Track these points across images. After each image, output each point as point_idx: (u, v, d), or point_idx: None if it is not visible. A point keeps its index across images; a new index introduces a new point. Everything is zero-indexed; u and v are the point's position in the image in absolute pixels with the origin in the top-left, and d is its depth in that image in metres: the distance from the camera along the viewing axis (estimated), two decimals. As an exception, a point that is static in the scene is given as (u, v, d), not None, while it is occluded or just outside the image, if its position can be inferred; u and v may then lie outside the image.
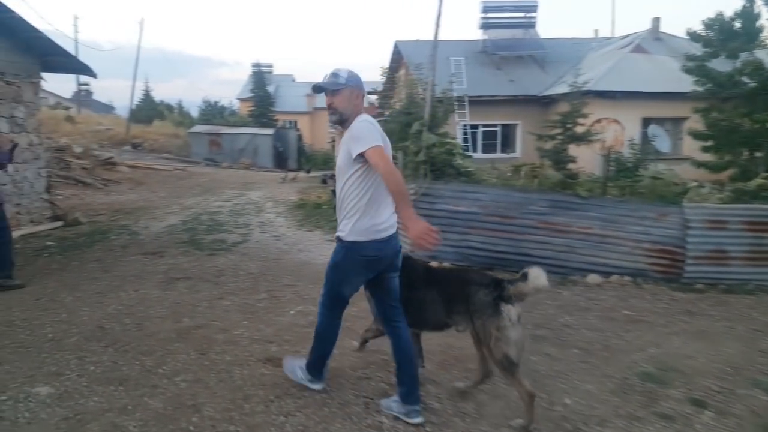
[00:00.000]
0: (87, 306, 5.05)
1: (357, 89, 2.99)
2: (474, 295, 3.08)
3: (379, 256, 3.00)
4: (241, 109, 42.26)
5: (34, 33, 8.39)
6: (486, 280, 3.16)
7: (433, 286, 3.31)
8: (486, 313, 3.02)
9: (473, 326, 3.10)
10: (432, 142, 7.42)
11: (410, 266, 3.41)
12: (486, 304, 3.03)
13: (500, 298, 3.00)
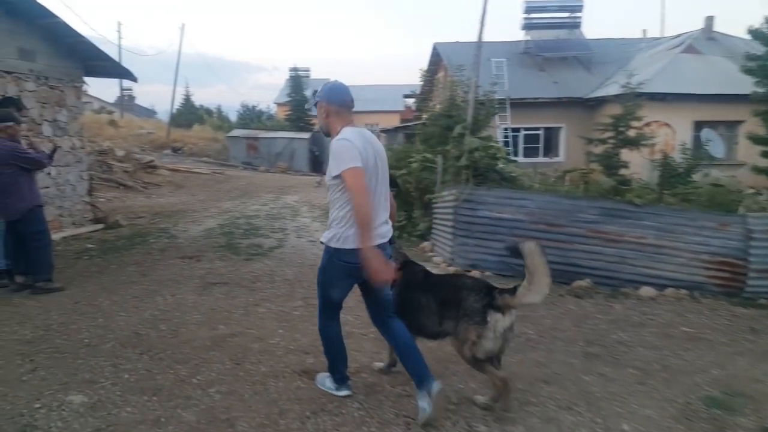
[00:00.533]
0: (124, 311, 5.00)
1: (326, 103, 3.04)
2: (465, 300, 3.08)
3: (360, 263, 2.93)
4: (279, 113, 42.73)
5: (77, 38, 8.52)
6: (479, 286, 3.15)
7: (429, 291, 3.31)
8: (473, 319, 3.01)
9: (457, 329, 3.09)
10: (475, 146, 7.15)
11: (409, 271, 3.45)
12: (475, 311, 3.02)
13: (489, 306, 2.99)
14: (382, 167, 3.09)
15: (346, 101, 3.09)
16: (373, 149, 3.00)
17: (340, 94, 3.08)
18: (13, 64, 7.71)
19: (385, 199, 3.13)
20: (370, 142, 3.02)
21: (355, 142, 2.89)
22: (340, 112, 3.06)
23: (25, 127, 7.77)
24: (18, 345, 4.09)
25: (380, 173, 3.07)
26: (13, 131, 5.12)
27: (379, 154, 3.05)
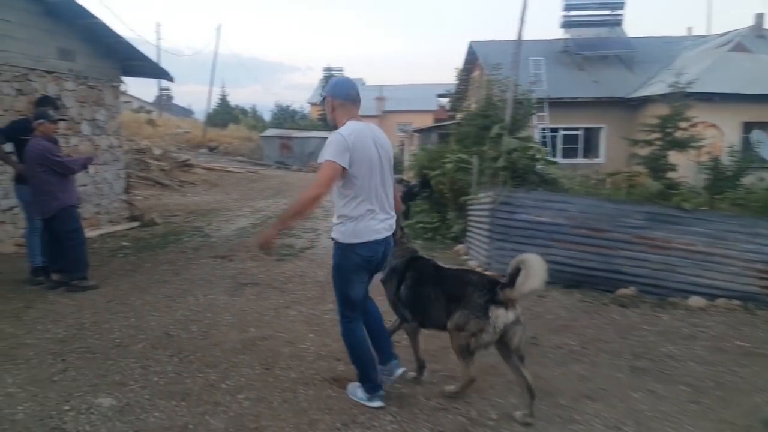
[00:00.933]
0: (156, 310, 4.96)
1: (331, 97, 3.12)
2: (469, 295, 3.12)
3: (373, 256, 3.09)
4: (312, 112, 42.96)
5: (115, 38, 8.63)
6: (482, 282, 3.20)
7: (438, 285, 3.34)
8: (474, 313, 3.05)
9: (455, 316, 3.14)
10: (513, 147, 6.90)
11: (420, 265, 3.50)
12: (477, 306, 3.06)
13: (491, 301, 3.02)
14: (386, 162, 3.14)
15: (351, 95, 3.13)
16: (374, 144, 3.04)
17: (345, 89, 3.14)
18: (53, 63, 7.84)
19: (387, 194, 3.16)
20: (372, 138, 3.05)
21: (347, 138, 2.93)
22: (345, 106, 3.11)
23: (63, 126, 7.92)
24: (51, 344, 4.08)
25: (382, 168, 3.10)
26: (45, 129, 5.13)
27: (383, 149, 3.10)
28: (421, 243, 8.73)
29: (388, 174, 3.17)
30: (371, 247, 3.05)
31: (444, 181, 9.30)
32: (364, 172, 2.98)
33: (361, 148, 2.96)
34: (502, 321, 3.00)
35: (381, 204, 3.10)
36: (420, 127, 19.91)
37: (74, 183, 5.34)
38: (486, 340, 3.04)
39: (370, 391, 3.24)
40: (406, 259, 3.52)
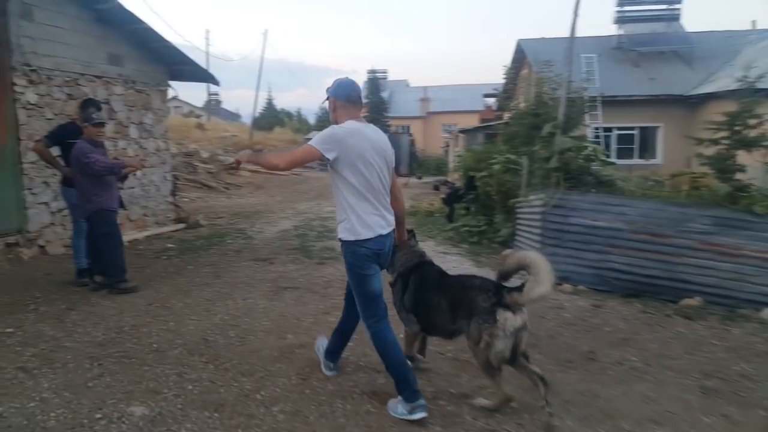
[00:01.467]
0: (195, 314, 4.89)
1: (333, 97, 3.19)
2: (474, 299, 3.07)
3: (381, 249, 3.15)
4: (356, 115, 43.08)
5: (163, 42, 8.72)
6: (487, 286, 3.13)
7: (441, 291, 3.32)
8: (482, 318, 3.00)
9: (469, 329, 3.08)
10: (567, 146, 6.51)
11: (424, 271, 3.49)
12: (483, 310, 3.01)
13: (498, 305, 2.97)
14: (383, 163, 3.17)
15: (352, 96, 3.21)
16: (370, 143, 3.09)
17: (346, 90, 3.22)
18: (102, 68, 7.99)
19: (383, 193, 3.20)
20: (368, 137, 3.11)
21: (338, 132, 3.04)
22: (345, 106, 3.19)
23: (111, 129, 8.05)
24: (89, 347, 4.04)
25: (380, 168, 3.14)
26: (88, 132, 5.14)
27: (381, 149, 3.15)
28: (467, 247, 8.44)
29: (387, 173, 3.22)
30: (379, 240, 3.12)
31: (491, 183, 8.97)
32: (361, 170, 3.05)
33: (355, 146, 3.03)
34: (512, 324, 2.94)
35: (382, 201, 3.18)
36: (465, 128, 19.51)
37: (113, 187, 5.28)
38: (500, 346, 2.95)
39: (410, 398, 3.05)
40: (412, 264, 3.54)
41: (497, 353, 2.97)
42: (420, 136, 39.38)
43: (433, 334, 3.52)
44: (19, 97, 6.56)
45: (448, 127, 36.70)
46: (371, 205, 3.11)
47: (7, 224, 6.47)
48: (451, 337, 3.33)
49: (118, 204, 5.35)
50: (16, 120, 6.51)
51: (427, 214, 12.25)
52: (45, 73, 6.92)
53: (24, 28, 6.61)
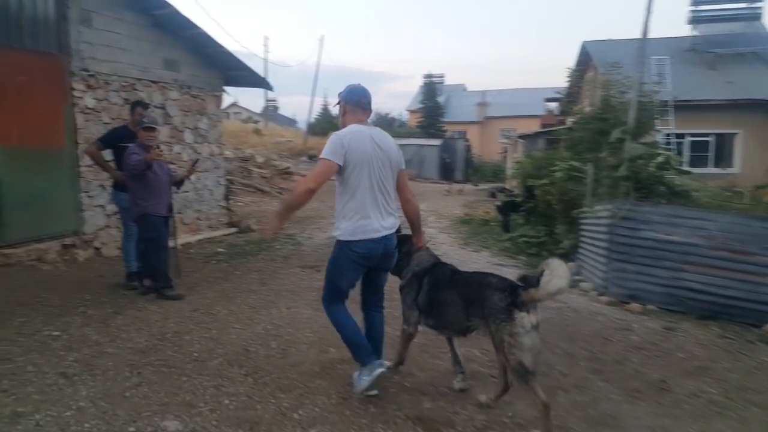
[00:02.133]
0: (238, 322, 4.77)
1: (344, 102, 3.33)
2: (489, 298, 3.03)
3: (369, 254, 3.23)
4: (410, 120, 42.94)
5: (218, 48, 8.79)
6: (503, 285, 3.08)
7: (454, 289, 3.30)
8: (499, 318, 2.96)
9: (489, 330, 3.04)
10: (638, 154, 6.02)
11: (438, 270, 3.49)
12: (499, 310, 2.97)
13: (513, 305, 2.93)
14: (387, 164, 3.25)
15: (361, 102, 3.33)
16: (373, 146, 3.19)
17: (357, 96, 3.33)
18: (158, 74, 8.12)
19: (387, 195, 3.29)
20: (371, 140, 3.19)
21: (342, 138, 3.12)
22: (354, 111, 3.31)
23: (166, 133, 8.17)
24: (131, 354, 3.97)
25: (382, 169, 3.22)
26: (140, 136, 5.14)
27: (384, 152, 3.23)
28: (525, 259, 8.01)
29: (390, 176, 3.30)
30: (367, 245, 3.19)
31: (552, 191, 8.51)
32: (359, 173, 3.14)
33: (357, 149, 3.12)
34: (529, 322, 2.89)
35: (379, 204, 3.24)
36: (525, 133, 18.86)
37: (161, 192, 5.22)
38: (528, 342, 2.87)
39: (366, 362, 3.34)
40: (427, 266, 3.55)
41: (529, 349, 2.88)
42: (476, 141, 38.70)
43: (445, 333, 3.51)
44: (77, 102, 6.72)
45: (506, 132, 35.85)
46: (367, 207, 3.19)
47: (64, 226, 6.62)
48: (465, 333, 3.34)
49: (167, 209, 5.30)
50: (74, 124, 6.67)
51: (482, 222, 11.85)
52: (103, 78, 7.08)
53: (83, 34, 6.78)
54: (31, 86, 6.19)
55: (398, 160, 3.36)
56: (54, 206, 6.48)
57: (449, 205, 16.00)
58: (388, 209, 3.30)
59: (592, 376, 3.88)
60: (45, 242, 6.36)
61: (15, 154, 6.02)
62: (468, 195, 20.44)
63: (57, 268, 6.17)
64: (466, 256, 8.21)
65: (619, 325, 5.09)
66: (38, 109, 6.27)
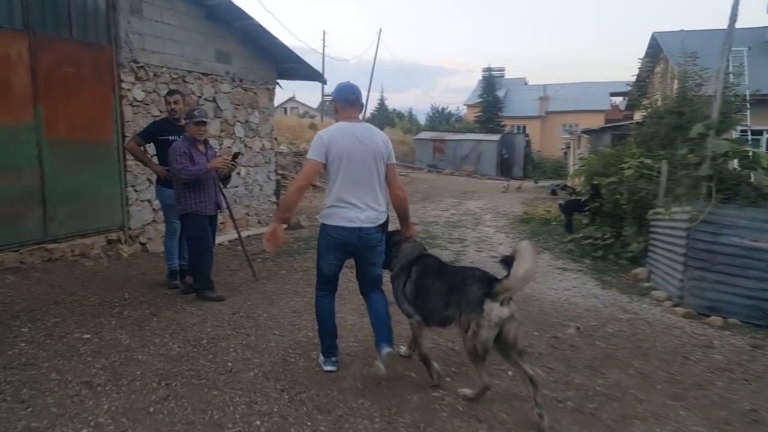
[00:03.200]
0: (278, 328, 4.45)
1: (335, 101, 3.51)
2: (466, 288, 3.13)
3: (342, 240, 3.39)
4: (468, 114, 41.99)
5: (272, 40, 8.54)
6: (481, 276, 3.18)
7: (438, 280, 3.36)
8: (470, 307, 3.06)
9: (459, 317, 3.15)
10: (723, 151, 5.30)
11: (424, 261, 3.54)
12: (473, 300, 3.06)
13: (487, 295, 3.00)
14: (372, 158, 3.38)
15: (350, 99, 3.48)
16: (356, 141, 3.35)
17: (345, 93, 3.48)
18: (210, 66, 7.94)
19: (369, 187, 3.41)
20: (353, 136, 3.36)
21: (323, 137, 3.35)
22: (344, 108, 3.48)
23: (216, 127, 7.98)
24: (161, 362, 3.71)
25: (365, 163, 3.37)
26: (189, 130, 4.87)
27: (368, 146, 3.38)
28: (590, 263, 7.33)
29: (373, 169, 3.41)
30: (339, 231, 3.36)
31: (621, 190, 7.77)
32: (338, 166, 3.33)
33: (336, 145, 3.32)
34: (497, 314, 2.97)
35: (361, 195, 3.38)
36: (589, 128, 17.78)
37: (207, 189, 4.91)
38: (485, 336, 2.99)
39: (324, 354, 3.69)
40: (414, 257, 3.59)
41: (482, 342, 3.01)
42: (537, 137, 37.36)
43: (429, 323, 3.49)
44: (126, 94, 6.60)
45: (568, 127, 34.38)
46: (348, 198, 3.36)
47: (110, 220, 6.53)
48: (444, 324, 3.37)
49: (213, 208, 5.00)
50: (122, 116, 6.56)
51: (543, 221, 11.13)
52: (152, 70, 6.94)
53: (133, 25, 6.65)
54: (79, 78, 6.10)
55: (384, 154, 3.47)
56: (100, 200, 6.39)
57: (507, 203, 15.28)
58: (368, 203, 3.41)
59: (671, 403, 3.39)
60: (90, 237, 6.28)
61: (61, 147, 5.94)
62: (527, 192, 19.57)
63: (100, 264, 6.07)
64: (525, 259, 7.60)
65: (698, 342, 4.47)
66: (85, 101, 6.18)
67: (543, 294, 5.79)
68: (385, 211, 3.52)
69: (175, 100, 5.34)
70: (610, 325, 4.86)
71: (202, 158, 4.86)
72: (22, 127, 5.57)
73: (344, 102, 3.48)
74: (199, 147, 4.92)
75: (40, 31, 5.70)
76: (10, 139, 5.48)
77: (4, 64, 5.38)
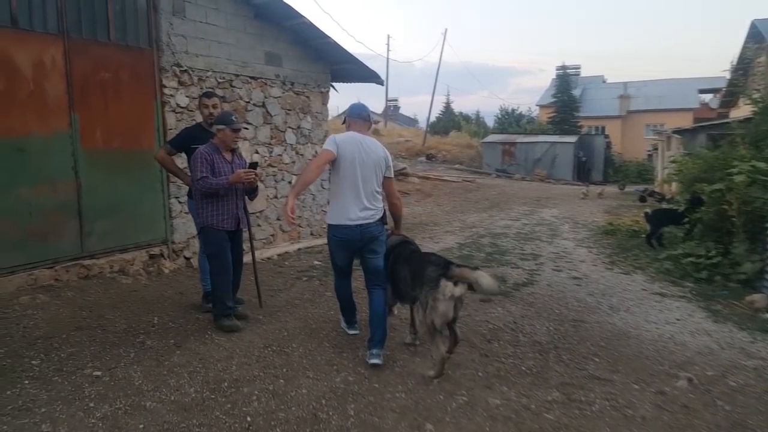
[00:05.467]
0: (314, 369, 3.76)
1: (348, 116, 4.05)
2: (425, 270, 3.58)
3: (347, 238, 3.85)
4: (541, 115, 40.11)
5: (324, 39, 7.96)
6: (439, 261, 3.67)
7: (407, 265, 3.86)
8: (429, 285, 3.50)
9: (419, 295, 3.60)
10: None
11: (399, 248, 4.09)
12: (431, 279, 3.51)
13: (443, 275, 3.45)
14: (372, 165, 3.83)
15: (361, 115, 4.04)
16: (362, 150, 3.81)
17: (356, 111, 4.04)
18: (259, 69, 7.47)
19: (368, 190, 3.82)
20: (360, 144, 3.82)
21: (336, 138, 3.82)
22: (356, 122, 4.00)
23: (266, 134, 7.47)
24: (171, 413, 3.11)
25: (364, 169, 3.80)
26: (224, 137, 4.31)
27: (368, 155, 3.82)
28: (692, 286, 6.17)
29: (372, 176, 3.84)
30: (343, 230, 3.81)
31: (729, 199, 6.54)
32: (344, 168, 3.75)
33: (346, 148, 3.75)
34: (450, 291, 3.41)
35: (360, 196, 3.79)
36: (681, 128, 16.00)
37: (227, 202, 4.33)
38: (442, 308, 3.43)
39: (347, 323, 4.40)
40: (392, 245, 4.12)
41: (441, 314, 3.43)
42: (617, 138, 34.95)
43: (402, 301, 4.13)
44: (169, 100, 6.20)
45: (653, 127, 31.93)
46: (349, 198, 3.76)
47: (152, 234, 6.13)
48: (413, 302, 3.90)
49: (232, 222, 4.39)
50: (164, 124, 6.16)
51: (631, 233, 9.86)
52: (197, 74, 6.52)
53: (175, 26, 6.24)
54: (118, 83, 5.74)
55: (383, 166, 3.91)
56: (141, 213, 5.99)
57: (587, 211, 13.95)
58: (366, 204, 3.81)
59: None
60: (130, 252, 5.90)
61: (99, 157, 5.59)
62: (609, 199, 17.99)
63: (137, 282, 5.64)
64: (613, 279, 6.54)
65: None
66: (125, 108, 5.82)
67: (640, 329, 4.77)
68: (382, 208, 3.96)
69: (214, 103, 4.82)
70: (732, 375, 3.81)
71: (225, 168, 4.29)
72: (56, 137, 5.24)
73: (356, 117, 4.01)
74: (224, 155, 4.35)
75: (75, 35, 5.36)
76: (44, 149, 5.15)
77: (37, 71, 5.07)
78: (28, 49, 4.99)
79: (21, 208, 4.98)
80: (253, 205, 7.50)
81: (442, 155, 28.71)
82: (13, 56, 4.89)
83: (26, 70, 4.98)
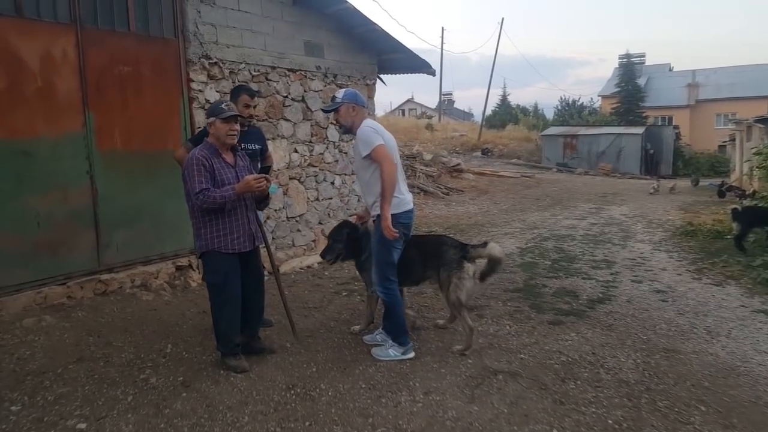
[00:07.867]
0: (343, 421, 3.03)
1: (352, 103, 3.78)
2: (445, 253, 3.90)
3: (409, 222, 3.88)
4: (603, 106, 38.00)
5: (370, 26, 7.24)
6: (455, 243, 4.00)
7: (414, 248, 3.96)
8: (452, 266, 3.85)
9: (439, 277, 3.92)
10: None
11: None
12: (453, 261, 3.86)
13: (464, 257, 3.85)
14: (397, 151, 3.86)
15: (363, 102, 3.93)
16: (389, 135, 3.82)
17: (357, 97, 3.84)
18: (298, 60, 6.83)
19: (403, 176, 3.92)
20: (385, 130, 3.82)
21: (374, 127, 3.74)
22: (362, 109, 3.87)
23: (306, 131, 6.85)
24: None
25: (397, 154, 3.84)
26: (215, 131, 3.49)
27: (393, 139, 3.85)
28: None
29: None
30: (409, 215, 3.83)
31: None
32: (396, 156, 3.74)
33: (385, 137, 3.72)
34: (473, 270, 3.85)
35: (404, 181, 3.91)
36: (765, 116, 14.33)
37: (236, 218, 3.53)
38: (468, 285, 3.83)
39: (406, 343, 3.85)
40: None
41: (466, 290, 3.84)
42: (686, 128, 32.56)
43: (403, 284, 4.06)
44: (197, 96, 5.65)
45: (725, 116, 29.53)
46: (402, 183, 3.80)
47: (179, 243, 5.60)
48: (418, 283, 4.22)
49: (246, 242, 3.61)
50: (191, 122, 5.62)
51: (713, 233, 8.66)
52: (228, 67, 5.94)
53: (204, 14, 5.68)
54: (138, 78, 5.22)
55: None
56: (165, 220, 5.46)
57: (659, 209, 12.64)
58: (407, 187, 3.95)
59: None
60: (153, 264, 5.39)
61: (117, 160, 5.09)
62: (682, 194, 16.46)
63: (159, 299, 5.10)
64: (704, 293, 5.51)
65: None
66: (147, 105, 5.30)
67: (749, 361, 3.81)
68: None
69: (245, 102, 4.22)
70: None
71: (229, 173, 3.50)
72: (68, 139, 4.75)
73: (363, 105, 3.89)
74: (224, 157, 3.54)
75: (90, 24, 4.86)
76: (54, 152, 4.67)
77: (45, 65, 4.58)
78: (34, 40, 4.50)
79: (28, 218, 4.50)
80: (294, 208, 6.91)
81: (498, 149, 27.50)
82: (17, 49, 4.40)
83: (33, 64, 4.50)
